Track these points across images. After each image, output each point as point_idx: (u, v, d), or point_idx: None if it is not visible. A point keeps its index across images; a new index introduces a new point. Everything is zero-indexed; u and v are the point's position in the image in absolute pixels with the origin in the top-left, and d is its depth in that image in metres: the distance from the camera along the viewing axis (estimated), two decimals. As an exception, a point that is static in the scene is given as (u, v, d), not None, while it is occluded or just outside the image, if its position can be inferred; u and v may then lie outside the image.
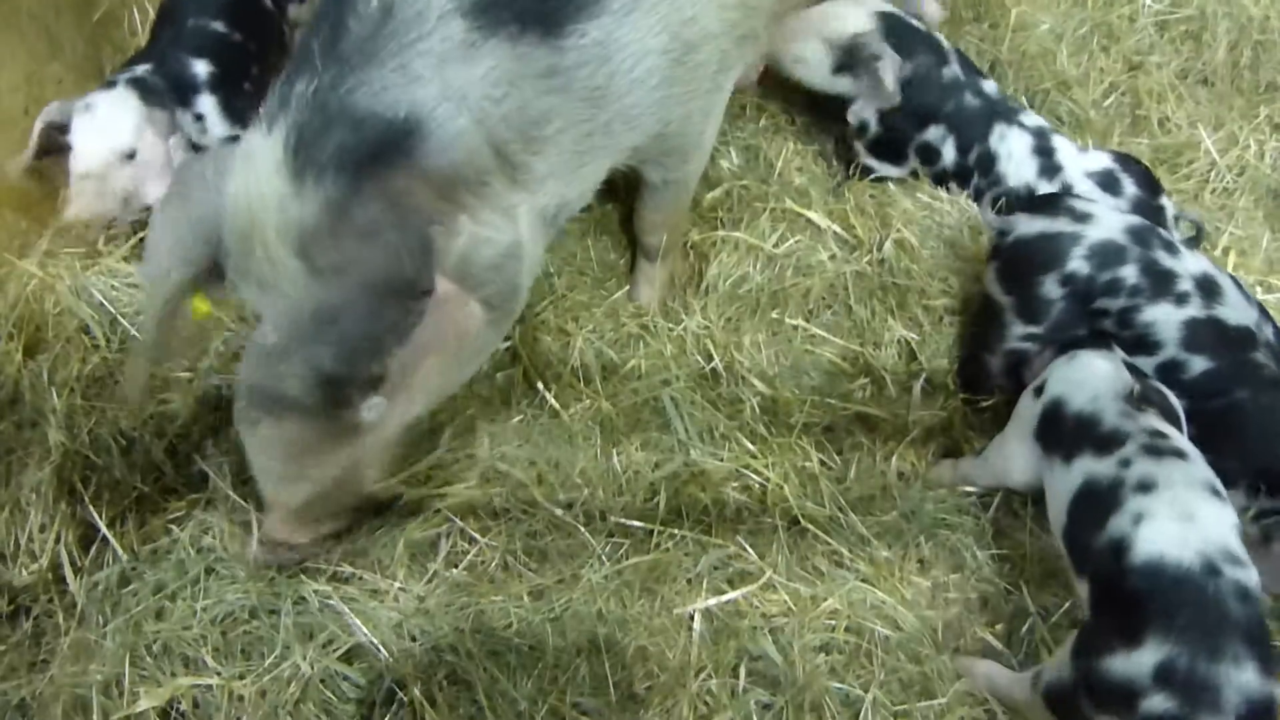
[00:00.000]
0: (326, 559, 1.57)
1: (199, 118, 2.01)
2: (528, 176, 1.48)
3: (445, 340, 1.35)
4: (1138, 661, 1.28)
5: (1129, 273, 1.69)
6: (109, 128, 1.88)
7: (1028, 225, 1.78)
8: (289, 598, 1.56)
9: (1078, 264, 1.72)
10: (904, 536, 1.74)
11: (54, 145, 1.90)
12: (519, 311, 1.55)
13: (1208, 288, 1.68)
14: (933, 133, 2.10)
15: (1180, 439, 1.50)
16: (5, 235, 1.92)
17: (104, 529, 1.62)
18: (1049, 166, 2.05)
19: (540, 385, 1.87)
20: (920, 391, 1.90)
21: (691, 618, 1.62)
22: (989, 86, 2.12)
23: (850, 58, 2.06)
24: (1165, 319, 1.67)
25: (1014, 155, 2.06)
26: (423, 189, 1.33)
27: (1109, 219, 1.75)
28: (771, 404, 1.90)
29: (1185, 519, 1.36)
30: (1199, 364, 1.67)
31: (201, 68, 2.01)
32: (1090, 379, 1.60)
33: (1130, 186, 2.02)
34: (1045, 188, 2.04)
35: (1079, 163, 2.05)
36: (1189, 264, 1.71)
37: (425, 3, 1.34)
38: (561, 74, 1.44)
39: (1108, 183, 2.02)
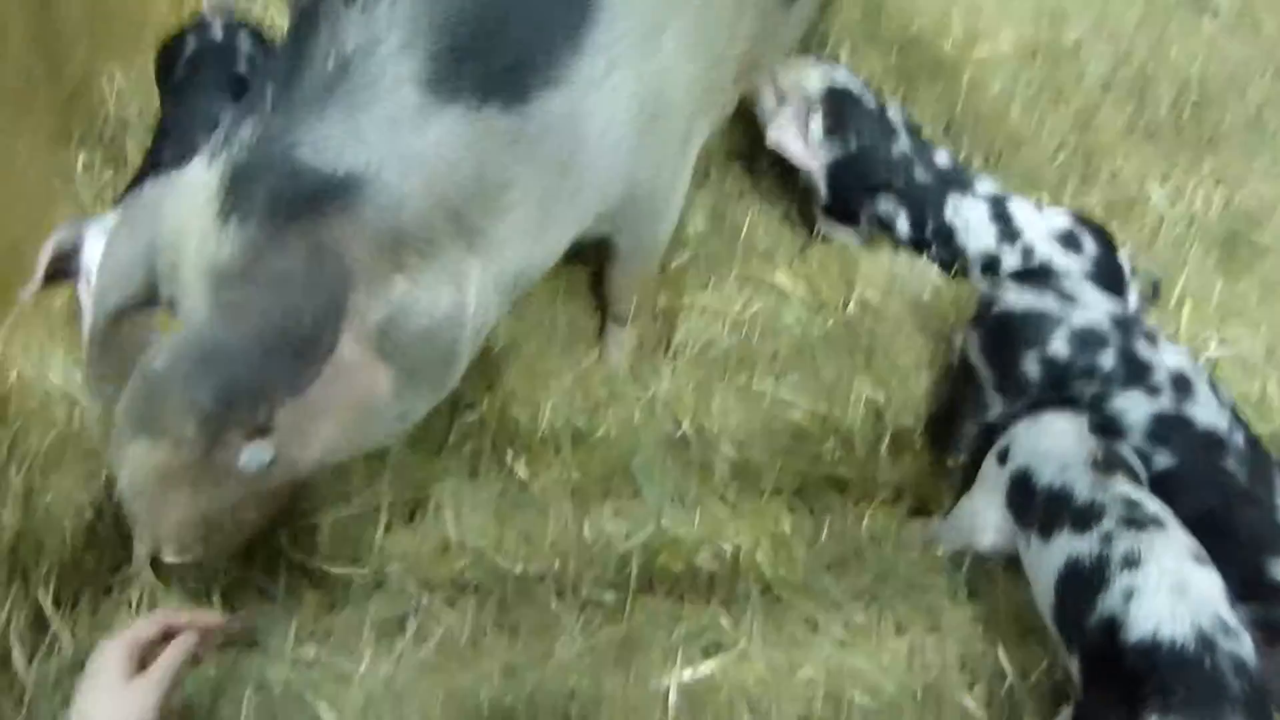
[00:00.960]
0: (288, 642, 1.53)
1: None
2: (485, 241, 1.46)
3: (341, 404, 1.32)
4: None
5: (1106, 360, 1.70)
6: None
7: (1015, 298, 1.80)
8: (251, 683, 1.52)
9: (1059, 346, 1.72)
10: (879, 599, 1.72)
11: (63, 270, 1.79)
12: (454, 381, 1.51)
13: (1181, 384, 1.69)
14: (883, 205, 2.13)
15: (1152, 502, 1.51)
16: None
17: (50, 615, 1.57)
18: (1008, 231, 2.07)
19: (509, 456, 1.85)
20: (887, 451, 1.90)
21: (667, 692, 1.59)
22: (941, 157, 2.15)
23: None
24: (1135, 408, 1.68)
25: (971, 225, 2.08)
26: (357, 245, 1.30)
27: (1096, 303, 1.77)
28: (742, 468, 1.89)
29: (1177, 592, 1.36)
30: (1164, 459, 1.66)
31: None
32: (1055, 447, 1.60)
33: (1090, 244, 2.05)
34: (1008, 253, 2.07)
35: (1038, 224, 2.07)
36: (1167, 358, 1.72)
37: (381, 68, 1.33)
38: (525, 142, 1.44)
39: (1069, 241, 2.05)
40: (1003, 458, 1.67)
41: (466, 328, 1.47)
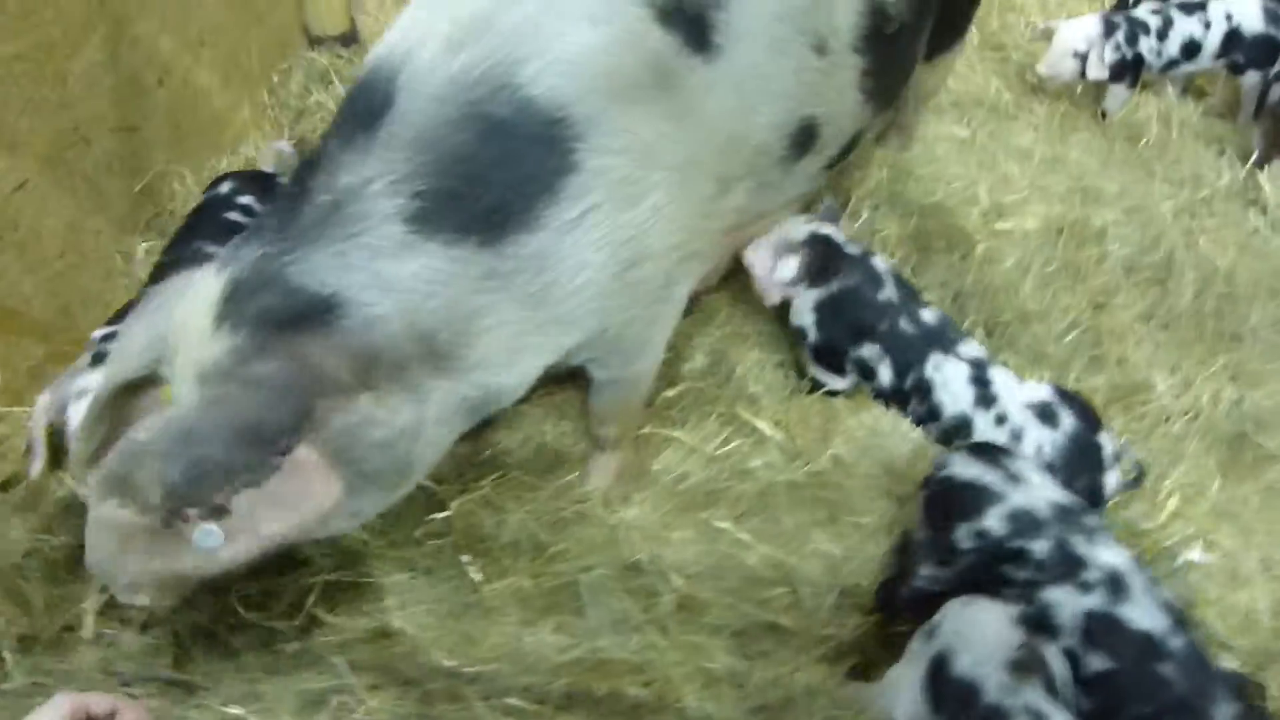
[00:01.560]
0: (218, 698, 1.64)
1: None
2: (455, 364, 1.60)
3: (291, 501, 1.44)
4: None
5: (1038, 548, 1.70)
6: None
7: (961, 467, 1.84)
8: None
9: (992, 523, 1.74)
10: (803, 752, 1.74)
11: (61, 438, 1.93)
12: (407, 486, 1.64)
13: (1115, 584, 1.67)
14: (868, 350, 2.20)
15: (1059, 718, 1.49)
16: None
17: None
18: (985, 396, 2.12)
19: (465, 557, 1.96)
20: (832, 606, 1.93)
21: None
22: (928, 315, 2.22)
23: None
24: (1066, 603, 1.67)
25: (949, 384, 2.14)
26: (331, 359, 1.46)
27: (1039, 489, 1.78)
28: (688, 601, 1.95)
29: None
30: (1097, 662, 1.64)
31: None
32: (979, 636, 1.59)
33: (1068, 419, 2.07)
34: (981, 417, 2.11)
35: (1016, 393, 2.12)
36: (1102, 555, 1.71)
37: (371, 205, 1.51)
38: (499, 277, 1.58)
39: (1045, 414, 2.08)
40: (930, 634, 1.67)
41: (421, 442, 1.60)
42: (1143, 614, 1.66)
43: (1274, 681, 1.82)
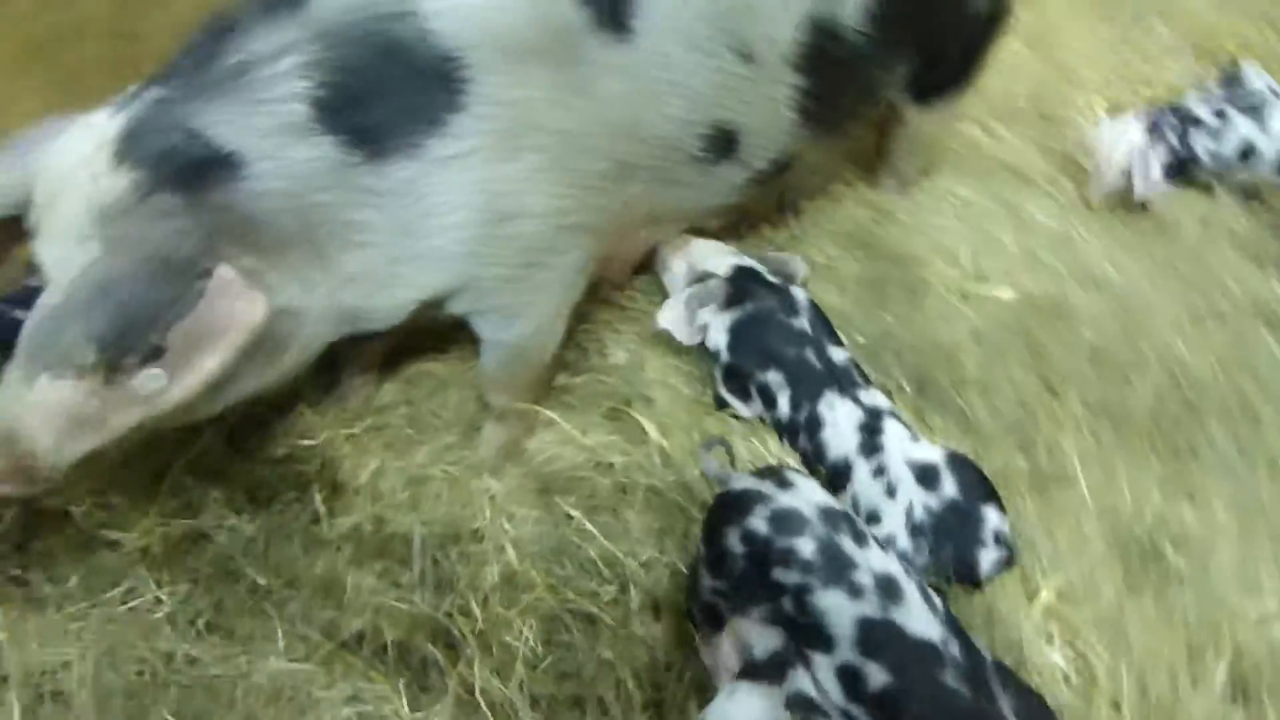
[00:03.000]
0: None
1: None
2: (334, 268, 1.66)
3: (221, 322, 1.45)
4: None
5: (804, 547, 1.67)
6: None
7: (738, 481, 1.83)
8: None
9: (758, 523, 1.71)
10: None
11: None
12: (276, 374, 1.68)
13: (887, 588, 1.63)
14: (772, 377, 2.17)
15: None
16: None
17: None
18: (870, 445, 2.06)
19: (315, 489, 2.02)
20: (647, 609, 1.91)
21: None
22: (837, 354, 2.18)
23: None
24: (838, 609, 1.62)
25: (838, 425, 2.09)
26: (226, 214, 1.50)
27: (807, 493, 1.75)
28: (514, 577, 1.96)
29: None
30: (879, 675, 1.58)
31: None
32: None
33: (949, 488, 2.00)
34: (862, 465, 2.05)
35: (903, 449, 2.05)
36: (873, 559, 1.67)
37: (280, 79, 1.55)
38: (378, 195, 1.64)
39: (924, 477, 2.01)
40: None
41: (300, 333, 1.66)
42: (919, 621, 1.61)
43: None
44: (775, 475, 1.80)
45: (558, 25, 1.71)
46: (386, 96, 1.61)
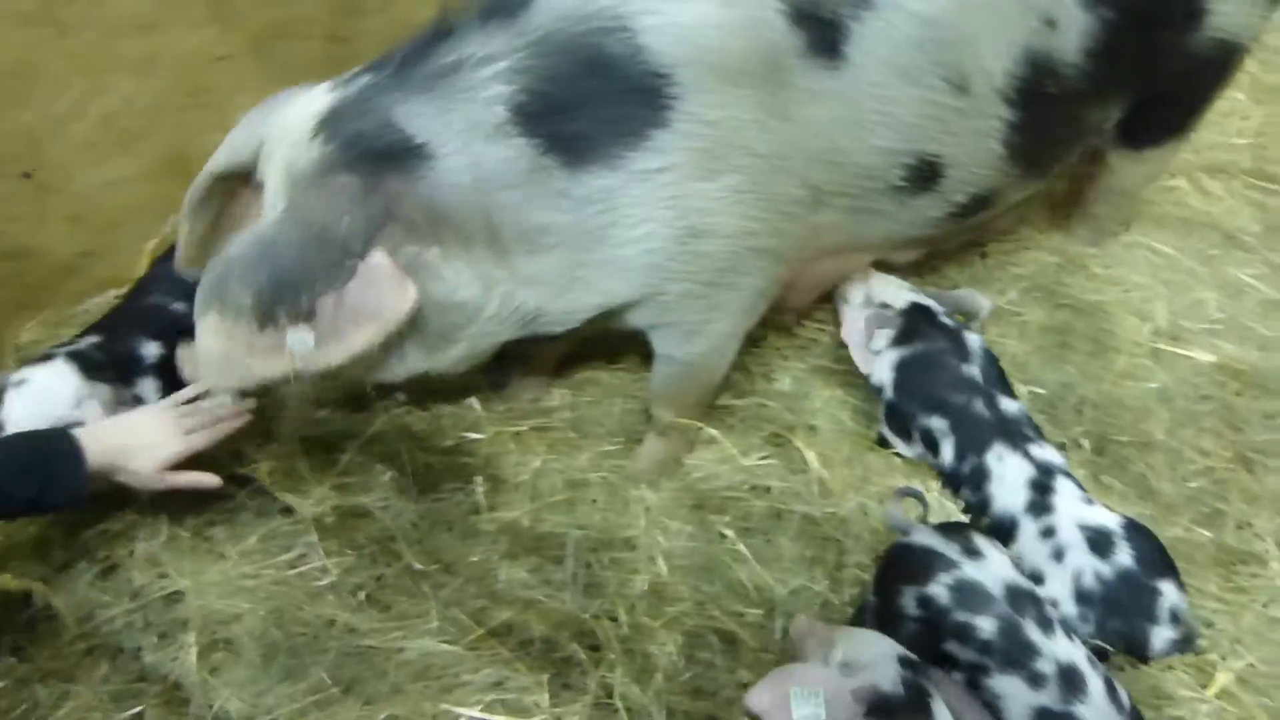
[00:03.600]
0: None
1: (137, 399, 1.98)
2: (515, 266, 1.73)
3: (370, 305, 1.56)
4: None
5: (985, 626, 1.60)
6: (44, 399, 1.82)
7: (920, 536, 1.76)
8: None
9: (939, 590, 1.65)
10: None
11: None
12: (443, 362, 1.78)
13: (1070, 680, 1.55)
14: (936, 422, 2.10)
15: None
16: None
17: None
18: (1040, 504, 1.96)
19: (479, 478, 2.09)
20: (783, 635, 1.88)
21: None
22: (1010, 405, 2.09)
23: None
24: (1016, 696, 1.56)
25: (1006, 479, 2.00)
26: (407, 200, 1.61)
27: (995, 567, 1.68)
28: (662, 588, 1.97)
29: None
30: None
31: (152, 349, 2.03)
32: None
33: (1124, 556, 1.87)
34: (1029, 524, 1.95)
35: (1075, 510, 1.94)
36: (1058, 648, 1.59)
37: (487, 81, 1.63)
38: (570, 200, 1.69)
39: (1097, 542, 1.89)
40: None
41: (474, 325, 1.75)
42: (1101, 716, 1.53)
43: None
44: (963, 539, 1.73)
45: (770, 49, 1.72)
46: (590, 106, 1.66)
